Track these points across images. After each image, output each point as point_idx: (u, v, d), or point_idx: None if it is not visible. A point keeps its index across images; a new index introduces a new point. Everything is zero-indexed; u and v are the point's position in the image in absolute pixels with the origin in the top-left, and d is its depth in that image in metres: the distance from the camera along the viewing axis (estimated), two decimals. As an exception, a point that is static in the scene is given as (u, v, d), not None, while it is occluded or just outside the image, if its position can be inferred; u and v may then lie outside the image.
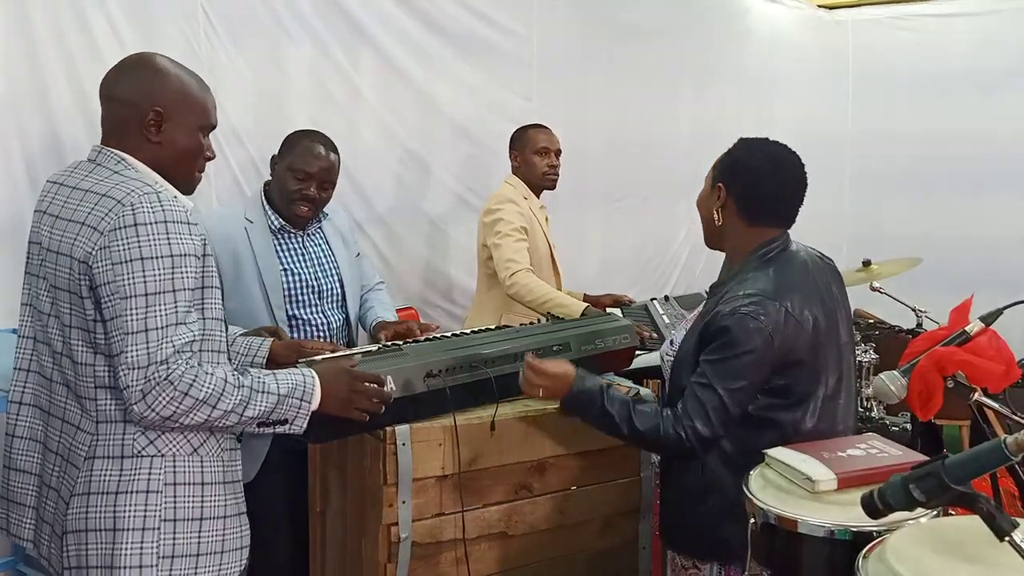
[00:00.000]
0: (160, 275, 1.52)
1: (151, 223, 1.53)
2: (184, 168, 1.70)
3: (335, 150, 2.49)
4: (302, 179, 2.40)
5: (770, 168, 1.87)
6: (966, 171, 4.73)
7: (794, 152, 1.91)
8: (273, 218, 2.45)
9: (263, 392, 1.62)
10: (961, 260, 4.48)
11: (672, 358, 1.96)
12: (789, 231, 1.94)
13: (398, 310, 2.93)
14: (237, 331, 2.17)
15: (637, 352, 2.51)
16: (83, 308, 1.57)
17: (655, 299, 3.34)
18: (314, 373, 1.72)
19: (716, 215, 1.90)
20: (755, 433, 1.80)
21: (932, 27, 4.92)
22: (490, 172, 3.60)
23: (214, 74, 2.89)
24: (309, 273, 2.47)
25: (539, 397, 1.94)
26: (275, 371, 1.70)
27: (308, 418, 1.69)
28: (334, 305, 2.52)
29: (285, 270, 2.43)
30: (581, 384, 1.88)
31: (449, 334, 2.32)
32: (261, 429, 1.66)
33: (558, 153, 3.30)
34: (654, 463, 2.30)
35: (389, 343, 2.19)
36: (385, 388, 1.80)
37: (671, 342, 2.02)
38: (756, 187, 1.87)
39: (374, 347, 2.11)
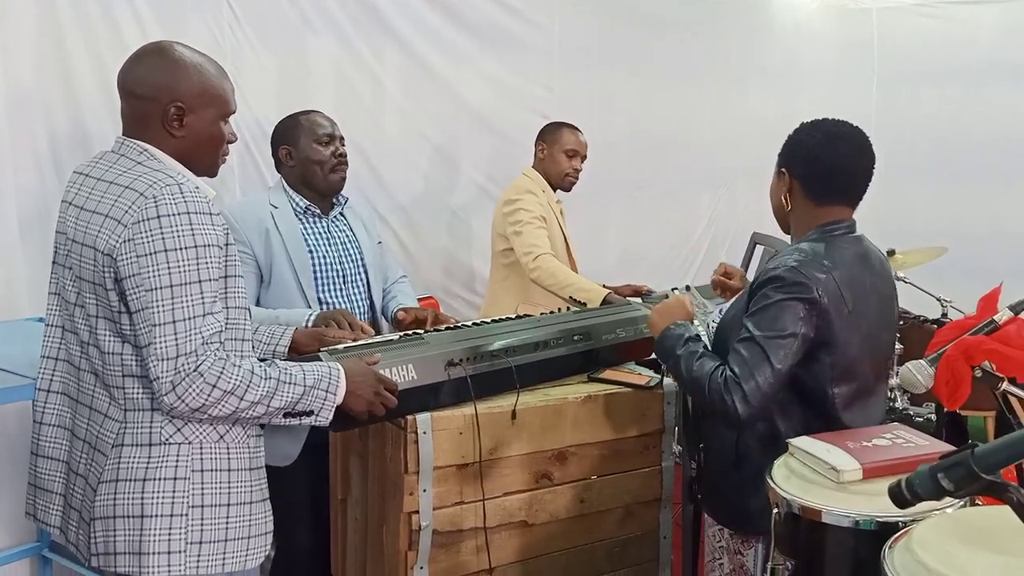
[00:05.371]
0: (185, 266, 1.53)
1: (174, 214, 1.54)
2: (208, 156, 1.72)
3: None
4: (328, 142, 2.49)
5: (826, 142, 1.85)
6: (992, 161, 4.66)
7: (856, 127, 1.88)
8: (297, 200, 2.49)
9: (290, 383, 1.64)
10: (987, 250, 4.42)
11: (717, 324, 1.98)
12: (854, 217, 1.93)
13: (419, 299, 2.94)
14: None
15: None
16: (108, 299, 1.58)
17: (676, 288, 3.31)
18: (340, 367, 1.74)
19: (785, 201, 1.91)
20: (784, 420, 1.81)
21: (958, 15, 4.84)
22: (512, 163, 3.59)
23: (238, 67, 2.92)
24: (333, 256, 2.50)
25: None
26: (302, 363, 1.72)
27: (334, 410, 1.70)
28: (358, 290, 2.54)
29: (311, 252, 2.45)
30: (672, 329, 1.90)
31: (470, 323, 2.32)
32: (288, 420, 1.67)
33: (583, 159, 3.29)
34: (675, 453, 2.30)
35: (410, 332, 2.21)
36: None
37: (720, 311, 2.02)
38: (815, 164, 1.86)
39: (395, 336, 2.12)
